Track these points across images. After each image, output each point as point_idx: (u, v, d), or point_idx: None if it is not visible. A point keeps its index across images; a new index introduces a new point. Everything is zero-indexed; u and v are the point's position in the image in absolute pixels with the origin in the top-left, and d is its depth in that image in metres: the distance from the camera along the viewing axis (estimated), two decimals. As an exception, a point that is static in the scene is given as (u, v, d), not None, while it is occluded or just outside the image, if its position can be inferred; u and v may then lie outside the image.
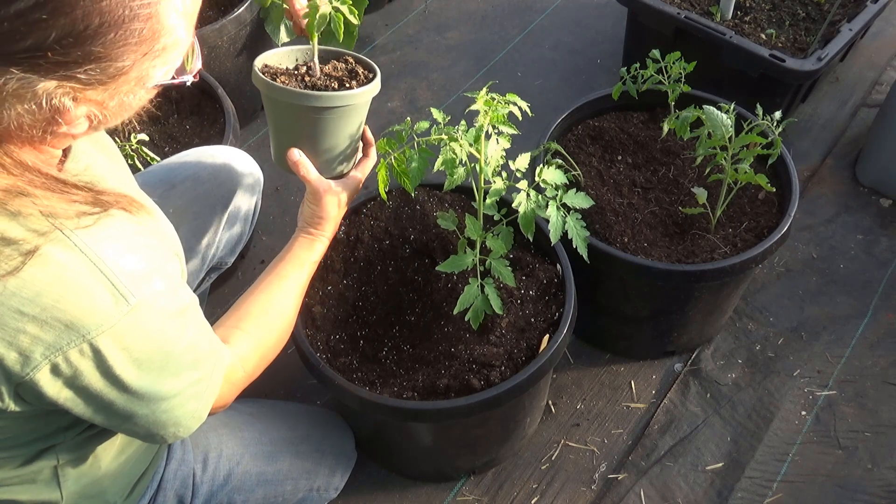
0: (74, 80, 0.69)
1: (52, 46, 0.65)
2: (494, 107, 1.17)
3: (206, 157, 1.46)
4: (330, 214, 1.25)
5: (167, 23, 0.72)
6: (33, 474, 0.96)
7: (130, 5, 0.68)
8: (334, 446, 1.48)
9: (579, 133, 1.76)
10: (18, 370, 0.76)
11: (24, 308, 0.74)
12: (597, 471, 1.62)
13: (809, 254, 1.98)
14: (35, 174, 0.74)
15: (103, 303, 0.77)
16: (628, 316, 1.68)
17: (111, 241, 0.79)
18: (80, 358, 0.78)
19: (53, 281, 0.75)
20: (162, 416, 0.90)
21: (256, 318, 1.14)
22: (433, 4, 2.78)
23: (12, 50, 0.65)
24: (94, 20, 0.66)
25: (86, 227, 0.77)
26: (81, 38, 0.66)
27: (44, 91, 0.68)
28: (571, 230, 1.23)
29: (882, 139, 2.04)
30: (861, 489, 1.57)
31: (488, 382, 1.27)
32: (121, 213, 0.82)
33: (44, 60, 0.66)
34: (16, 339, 0.75)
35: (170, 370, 0.88)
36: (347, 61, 1.32)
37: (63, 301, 0.75)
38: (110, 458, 1.05)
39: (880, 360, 1.78)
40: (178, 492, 1.21)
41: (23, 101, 0.68)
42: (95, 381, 0.81)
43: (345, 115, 1.22)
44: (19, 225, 0.74)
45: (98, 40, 0.67)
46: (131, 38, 0.69)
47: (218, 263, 1.54)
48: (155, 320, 0.83)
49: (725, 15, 2.16)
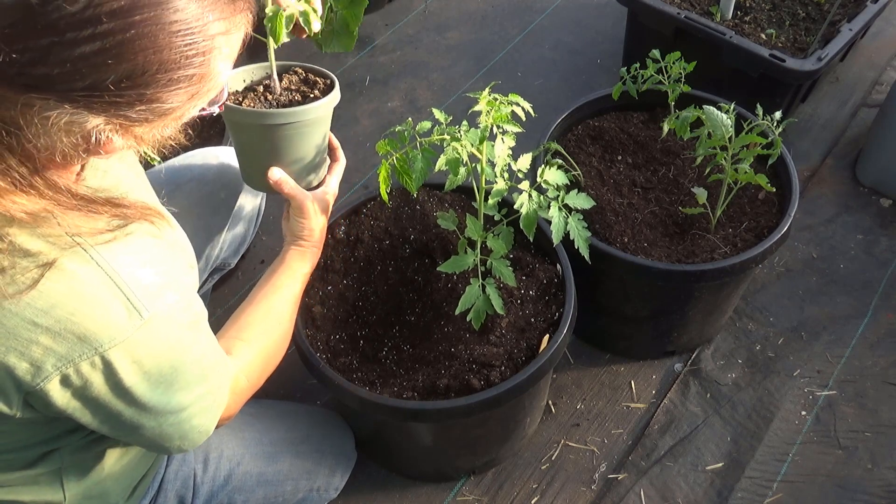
0: (124, 118, 0.71)
1: (109, 88, 0.67)
2: (497, 107, 1.17)
3: (210, 158, 1.46)
4: (318, 225, 1.26)
5: (215, 68, 0.75)
6: (37, 476, 0.96)
7: (186, 53, 0.70)
8: (334, 446, 1.48)
9: (579, 133, 1.76)
10: (29, 380, 0.76)
11: (37, 319, 0.74)
12: (597, 471, 1.62)
13: (809, 254, 1.98)
14: (66, 195, 0.75)
15: (117, 316, 0.78)
16: (628, 316, 1.68)
17: (128, 254, 0.80)
18: (90, 370, 0.79)
19: (68, 293, 0.75)
20: (169, 429, 0.91)
21: (256, 329, 1.15)
22: (433, 4, 2.78)
23: (70, 88, 0.66)
24: (153, 67, 0.68)
25: (105, 242, 0.78)
26: (138, 82, 0.69)
27: (93, 126, 0.70)
28: (573, 231, 1.23)
29: (882, 139, 2.04)
30: (861, 489, 1.57)
31: (488, 382, 1.27)
32: (140, 227, 0.82)
33: (99, 100, 0.68)
34: (28, 350, 0.75)
35: (179, 383, 0.88)
36: (297, 72, 1.30)
37: (77, 314, 0.76)
38: (113, 461, 1.05)
39: (880, 360, 1.78)
40: (178, 492, 1.22)
41: (71, 134, 0.70)
42: (104, 393, 0.82)
43: (312, 127, 1.22)
44: (39, 238, 0.74)
45: (153, 85, 0.70)
46: (183, 83, 0.72)
47: (221, 264, 1.55)
48: (167, 333, 0.84)
49: (725, 15, 2.16)
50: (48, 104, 0.66)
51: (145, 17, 0.66)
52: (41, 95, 0.66)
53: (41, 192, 0.73)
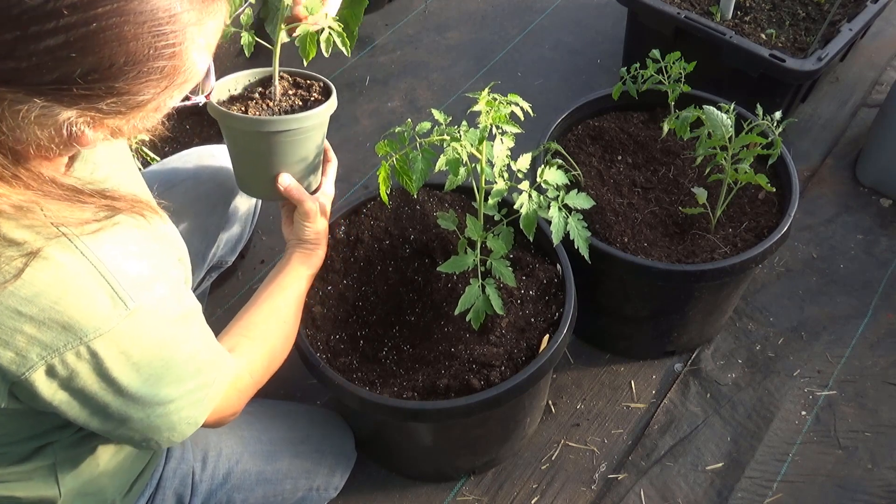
0: (95, 110, 0.70)
1: (77, 81, 0.67)
2: (497, 107, 1.17)
3: (206, 157, 1.46)
4: (322, 227, 1.30)
5: (189, 59, 0.73)
6: (30, 471, 0.96)
7: (155, 45, 0.69)
8: (334, 446, 1.48)
9: (579, 133, 1.76)
10: (14, 370, 0.76)
11: (21, 308, 0.74)
12: (597, 471, 1.62)
13: (809, 254, 1.98)
14: (51, 185, 0.75)
15: (102, 306, 0.77)
16: (628, 316, 1.68)
17: (115, 244, 0.80)
18: (76, 360, 0.78)
19: (52, 282, 0.75)
20: (157, 420, 0.90)
21: (261, 327, 1.16)
22: (433, 4, 2.78)
23: (38, 81, 0.66)
24: (120, 59, 0.67)
25: (91, 232, 0.77)
26: (106, 74, 0.68)
27: (65, 119, 0.70)
28: (573, 231, 1.23)
29: (882, 139, 2.04)
30: (861, 489, 1.57)
31: (488, 382, 1.27)
32: (128, 219, 0.82)
33: (68, 93, 0.67)
34: (12, 339, 0.75)
35: (170, 376, 0.88)
36: (286, 77, 1.30)
37: (61, 302, 0.75)
38: (108, 456, 1.05)
39: (880, 360, 1.78)
40: (176, 490, 1.22)
41: (43, 127, 0.70)
42: (91, 384, 0.81)
43: (315, 132, 1.23)
44: (24, 228, 0.74)
45: (122, 77, 0.69)
46: (154, 74, 0.71)
47: (218, 263, 1.55)
48: (155, 326, 0.83)
49: (725, 15, 2.16)
50: (18, 97, 0.66)
51: (108, 9, 0.65)
52: (10, 89, 0.66)
53: (26, 184, 0.73)
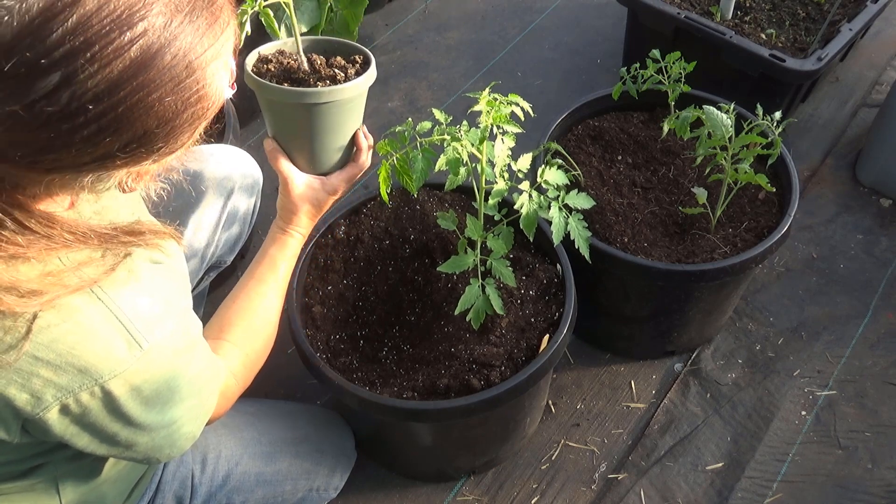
0: (139, 167, 0.73)
1: (118, 154, 0.69)
2: (497, 107, 1.17)
3: (205, 156, 1.45)
4: (300, 208, 1.21)
5: (215, 90, 0.74)
6: (32, 485, 0.96)
7: (182, 98, 0.69)
8: (334, 446, 1.47)
9: (579, 133, 1.76)
10: (29, 410, 0.77)
11: (38, 353, 0.74)
12: (597, 471, 1.62)
13: (809, 254, 1.98)
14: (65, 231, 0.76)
15: (118, 350, 0.78)
16: (628, 316, 1.68)
17: (129, 285, 0.80)
18: (90, 399, 0.79)
19: (70, 328, 0.75)
20: (160, 441, 0.91)
21: (240, 327, 1.13)
22: (433, 4, 2.78)
23: (82, 163, 0.69)
24: (152, 124, 0.69)
25: (107, 273, 0.78)
26: (143, 141, 0.70)
27: (116, 178, 0.74)
28: (573, 231, 1.23)
29: (882, 139, 2.04)
30: (861, 489, 1.57)
31: (488, 382, 1.27)
32: (142, 253, 0.83)
33: (111, 164, 0.70)
34: (28, 382, 0.75)
35: (174, 400, 0.89)
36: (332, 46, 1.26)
37: (78, 347, 0.76)
38: (109, 466, 1.05)
39: (880, 360, 1.78)
40: (176, 493, 1.21)
41: (94, 190, 0.74)
42: (102, 419, 0.83)
43: (341, 109, 1.18)
44: (42, 276, 0.74)
45: (160, 137, 0.70)
46: (187, 122, 0.72)
47: (217, 262, 1.55)
48: (166, 359, 0.84)
49: (725, 15, 2.16)
50: (65, 180, 0.70)
51: (129, 89, 0.65)
52: (58, 175, 0.69)
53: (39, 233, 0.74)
